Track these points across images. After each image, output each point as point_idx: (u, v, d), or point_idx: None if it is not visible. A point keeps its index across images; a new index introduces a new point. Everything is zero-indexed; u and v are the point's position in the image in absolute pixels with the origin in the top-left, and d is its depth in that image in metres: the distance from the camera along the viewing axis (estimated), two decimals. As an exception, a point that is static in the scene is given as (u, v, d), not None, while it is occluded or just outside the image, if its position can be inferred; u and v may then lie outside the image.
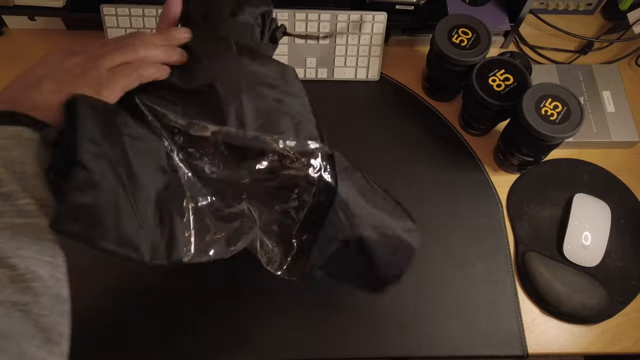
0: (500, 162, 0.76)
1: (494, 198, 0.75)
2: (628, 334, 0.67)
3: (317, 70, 0.81)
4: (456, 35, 0.71)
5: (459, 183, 0.75)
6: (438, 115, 0.81)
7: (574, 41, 0.88)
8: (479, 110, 0.72)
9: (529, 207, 0.74)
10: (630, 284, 0.69)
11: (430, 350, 0.65)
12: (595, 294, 0.68)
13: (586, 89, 0.81)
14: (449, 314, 0.67)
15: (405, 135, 0.78)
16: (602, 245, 0.70)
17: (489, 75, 0.70)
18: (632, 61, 0.87)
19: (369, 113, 0.80)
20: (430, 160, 0.77)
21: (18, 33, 0.83)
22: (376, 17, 0.78)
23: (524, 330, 0.67)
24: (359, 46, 0.80)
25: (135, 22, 0.76)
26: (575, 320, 0.68)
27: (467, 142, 0.79)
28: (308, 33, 0.76)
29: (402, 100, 0.82)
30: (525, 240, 0.72)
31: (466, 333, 0.66)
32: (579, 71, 0.82)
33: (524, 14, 0.79)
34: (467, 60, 0.71)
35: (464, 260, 0.70)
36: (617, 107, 0.80)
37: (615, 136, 0.78)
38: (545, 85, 0.66)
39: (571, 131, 0.64)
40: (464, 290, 0.68)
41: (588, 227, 0.70)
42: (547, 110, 0.65)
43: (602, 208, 0.72)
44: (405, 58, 0.85)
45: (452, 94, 0.81)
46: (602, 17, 0.91)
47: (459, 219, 0.73)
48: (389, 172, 0.75)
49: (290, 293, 0.67)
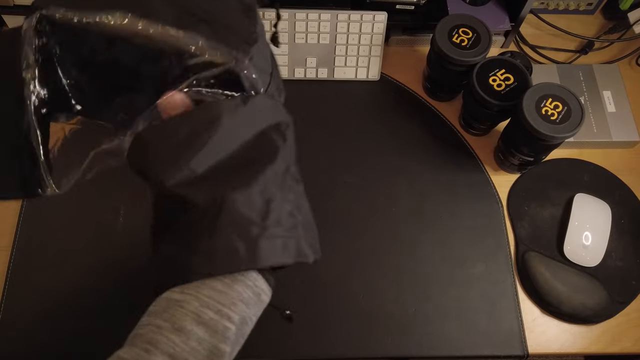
0: (501, 162, 0.76)
1: (494, 198, 0.75)
2: (628, 334, 0.67)
3: (317, 70, 0.81)
4: (456, 35, 0.71)
5: (459, 183, 0.75)
6: (438, 115, 0.81)
7: (574, 41, 0.88)
8: (480, 110, 0.72)
9: (530, 207, 0.74)
10: (631, 284, 0.69)
11: (431, 351, 0.65)
12: (595, 294, 0.68)
13: (586, 89, 0.81)
14: (449, 314, 0.67)
15: (405, 135, 0.78)
16: (602, 245, 0.70)
17: (489, 75, 0.70)
18: (632, 61, 0.87)
19: (369, 113, 0.80)
20: (430, 160, 0.77)
21: (18, 33, 0.83)
22: (376, 16, 0.78)
23: (524, 330, 0.67)
24: (359, 46, 0.80)
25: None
26: (576, 321, 0.67)
27: (468, 142, 0.79)
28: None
29: (402, 100, 0.82)
30: (525, 240, 0.71)
31: (466, 333, 0.66)
32: (580, 71, 0.82)
33: (524, 14, 0.79)
34: (467, 60, 0.71)
35: (464, 260, 0.70)
36: (617, 107, 0.80)
37: (615, 136, 0.77)
38: (545, 85, 0.66)
39: (571, 131, 0.64)
40: (464, 290, 0.68)
41: (588, 227, 0.70)
42: (548, 110, 0.65)
43: (603, 208, 0.72)
44: (405, 58, 0.85)
45: (452, 93, 0.81)
46: (602, 17, 0.91)
47: (459, 219, 0.73)
48: (389, 172, 0.75)
49: (290, 293, 0.67)
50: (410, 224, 0.72)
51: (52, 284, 0.66)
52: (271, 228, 0.38)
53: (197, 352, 0.36)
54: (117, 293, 0.65)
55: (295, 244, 0.39)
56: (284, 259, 0.39)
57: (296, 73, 0.81)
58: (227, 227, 0.37)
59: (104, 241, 0.69)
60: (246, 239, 0.37)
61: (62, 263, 0.67)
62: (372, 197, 0.74)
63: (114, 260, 0.68)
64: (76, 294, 0.66)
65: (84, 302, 0.66)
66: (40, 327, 0.64)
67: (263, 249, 0.37)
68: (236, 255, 0.37)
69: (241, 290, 0.38)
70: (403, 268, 0.69)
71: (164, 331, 0.36)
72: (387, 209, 0.73)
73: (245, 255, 0.37)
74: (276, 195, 0.39)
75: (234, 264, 0.37)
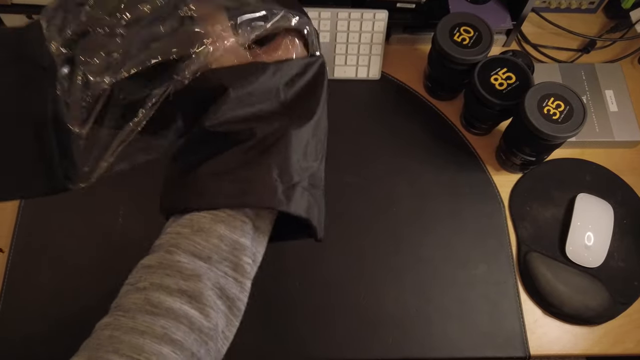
0: (502, 162, 0.75)
1: (496, 198, 0.74)
2: (630, 336, 0.67)
3: (317, 69, 0.80)
4: (458, 33, 0.71)
5: (461, 183, 0.75)
6: (439, 115, 0.80)
7: (576, 40, 0.88)
8: (481, 109, 0.71)
9: (531, 208, 0.73)
10: (633, 285, 0.69)
11: (432, 352, 0.65)
12: (597, 295, 0.67)
13: (589, 88, 0.80)
14: (450, 315, 0.67)
15: (406, 135, 0.78)
16: (604, 246, 0.69)
17: (490, 74, 0.69)
18: (635, 60, 0.87)
19: (369, 112, 0.80)
20: (431, 160, 0.76)
21: (16, 31, 0.82)
22: (377, 15, 0.78)
23: (526, 332, 0.66)
24: (360, 44, 0.79)
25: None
26: (578, 322, 0.67)
27: (469, 141, 0.78)
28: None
29: (403, 100, 0.81)
30: (527, 240, 0.71)
31: (468, 334, 0.66)
32: (582, 70, 0.82)
33: (526, 13, 0.79)
34: (468, 59, 0.70)
35: (466, 261, 0.70)
36: (620, 106, 0.79)
37: (618, 136, 0.77)
38: (547, 84, 0.66)
39: (574, 131, 0.63)
40: (466, 291, 0.68)
41: (591, 228, 0.70)
42: (550, 109, 0.64)
43: (605, 208, 0.72)
44: (406, 57, 0.84)
45: (453, 93, 0.80)
46: (604, 16, 0.90)
47: (461, 220, 0.72)
48: (389, 171, 0.75)
49: (291, 294, 0.66)
50: (411, 224, 0.72)
51: (51, 284, 0.66)
52: (305, 182, 0.39)
53: (219, 248, 0.37)
54: (116, 294, 0.65)
55: (317, 211, 0.41)
56: (305, 216, 0.39)
57: (296, 72, 0.80)
58: (272, 165, 0.38)
59: (103, 242, 0.69)
60: (285, 182, 0.38)
61: (61, 264, 0.67)
62: (373, 197, 0.73)
63: (113, 261, 0.67)
64: (75, 294, 0.66)
65: (82, 302, 0.65)
66: (39, 328, 0.64)
67: (296, 199, 0.38)
68: (275, 194, 0.37)
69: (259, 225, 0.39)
70: (404, 269, 0.69)
71: (185, 234, 0.37)
72: (388, 209, 0.73)
73: (282, 198, 0.37)
74: (313, 154, 0.40)
75: (272, 200, 0.37)
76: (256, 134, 0.38)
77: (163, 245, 0.37)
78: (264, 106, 0.39)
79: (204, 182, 0.38)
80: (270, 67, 0.39)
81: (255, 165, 0.38)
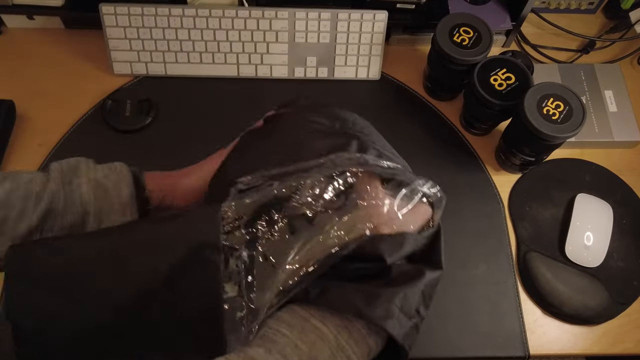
0: (502, 162, 0.75)
1: (495, 198, 0.74)
2: (630, 335, 0.67)
3: (317, 69, 0.80)
4: (457, 34, 0.71)
5: (460, 183, 0.75)
6: (439, 115, 0.80)
7: (575, 40, 0.88)
8: (481, 109, 0.71)
9: (531, 208, 0.73)
10: (632, 285, 0.69)
11: (432, 351, 0.65)
12: (597, 294, 0.67)
13: (588, 89, 0.81)
14: (450, 315, 0.67)
15: (406, 135, 0.78)
16: (604, 246, 0.70)
17: (490, 75, 0.69)
18: (634, 60, 0.87)
19: (369, 112, 0.79)
20: (431, 160, 0.76)
21: (17, 32, 0.82)
22: (377, 15, 0.78)
23: (525, 331, 0.66)
24: (360, 45, 0.80)
25: (135, 21, 0.76)
26: (577, 321, 0.67)
27: (469, 141, 0.78)
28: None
29: (403, 100, 0.81)
30: (527, 240, 0.71)
31: (468, 334, 0.66)
32: (581, 70, 0.82)
33: (525, 13, 0.79)
34: (468, 60, 0.70)
35: (465, 261, 0.70)
36: (619, 106, 0.79)
37: (617, 136, 0.77)
38: (547, 84, 0.66)
39: (573, 131, 0.63)
40: (466, 291, 0.68)
41: (590, 228, 0.70)
42: (549, 109, 0.64)
43: (604, 208, 0.72)
44: (406, 57, 0.84)
45: (453, 93, 0.81)
46: (603, 16, 0.90)
47: (460, 219, 0.72)
48: (389, 172, 0.75)
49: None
50: (411, 224, 0.72)
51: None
52: (416, 320, 0.43)
53: None
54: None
55: (413, 342, 0.44)
56: (406, 344, 0.42)
57: (296, 72, 0.81)
58: (403, 297, 0.42)
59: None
60: (405, 316, 0.42)
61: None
62: (373, 197, 0.73)
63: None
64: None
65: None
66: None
67: (408, 335, 0.42)
68: (396, 322, 0.41)
69: (372, 344, 0.42)
70: (404, 268, 0.69)
71: (300, 354, 0.39)
72: (388, 209, 0.73)
73: (399, 328, 0.41)
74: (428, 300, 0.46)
75: (392, 326, 0.41)
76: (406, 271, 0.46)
77: (277, 347, 0.39)
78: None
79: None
80: (413, 237, 0.46)
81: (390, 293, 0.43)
